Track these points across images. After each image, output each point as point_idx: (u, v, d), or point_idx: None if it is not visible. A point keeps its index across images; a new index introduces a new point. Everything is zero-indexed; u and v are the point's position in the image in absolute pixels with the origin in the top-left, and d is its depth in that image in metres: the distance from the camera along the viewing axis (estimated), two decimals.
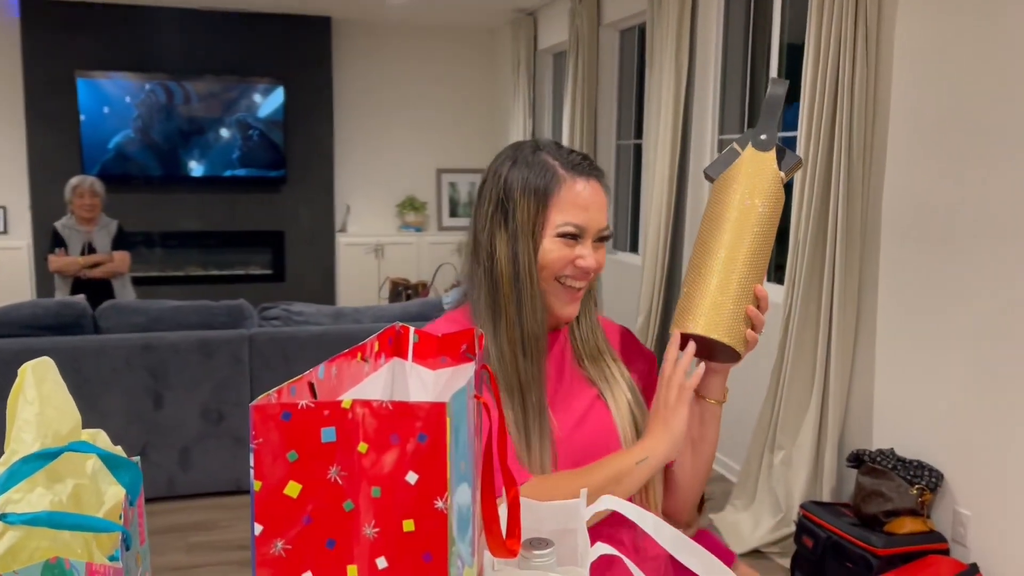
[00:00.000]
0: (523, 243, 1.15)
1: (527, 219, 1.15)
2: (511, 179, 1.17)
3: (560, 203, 1.15)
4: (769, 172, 1.15)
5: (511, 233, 1.16)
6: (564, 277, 1.17)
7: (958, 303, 2.78)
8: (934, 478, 2.82)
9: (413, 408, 0.54)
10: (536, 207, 1.15)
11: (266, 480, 0.54)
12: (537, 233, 1.15)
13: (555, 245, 1.15)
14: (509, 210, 1.16)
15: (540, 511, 0.84)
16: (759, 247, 1.13)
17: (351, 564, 0.54)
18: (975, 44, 2.69)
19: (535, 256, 1.15)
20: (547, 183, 1.15)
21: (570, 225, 1.15)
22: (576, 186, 1.16)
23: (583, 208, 1.16)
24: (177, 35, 6.71)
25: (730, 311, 1.10)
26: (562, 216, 1.15)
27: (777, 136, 1.17)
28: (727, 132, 4.35)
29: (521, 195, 1.15)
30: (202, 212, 7.03)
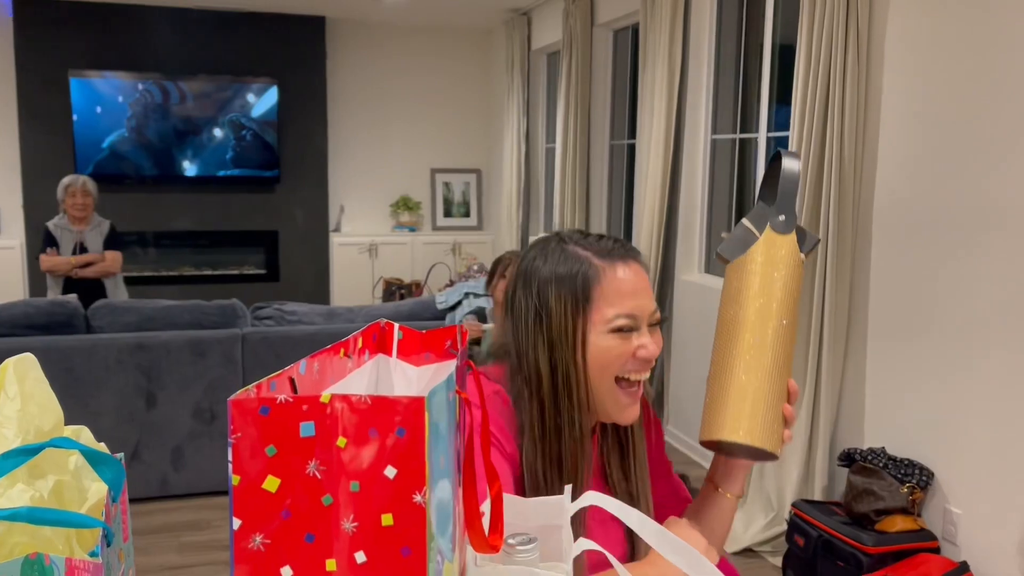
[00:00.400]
0: (565, 353, 1.07)
1: (567, 326, 1.06)
2: (543, 283, 1.08)
3: (604, 296, 1.06)
4: (791, 259, 1.05)
5: (548, 344, 1.07)
6: (626, 372, 1.08)
7: (949, 303, 2.79)
8: (925, 477, 2.83)
9: (392, 402, 0.54)
10: (576, 310, 1.06)
11: (245, 474, 0.54)
12: (580, 337, 1.06)
13: (611, 342, 1.06)
14: (544, 319, 1.07)
15: (525, 507, 0.84)
16: (789, 339, 1.05)
17: (330, 558, 0.54)
18: (965, 45, 2.70)
19: (582, 363, 1.07)
20: (584, 279, 1.06)
21: (622, 318, 1.06)
22: (617, 273, 1.07)
23: (630, 295, 1.07)
24: (170, 34, 6.70)
25: (770, 416, 1.03)
26: (612, 310, 1.06)
27: (796, 216, 1.08)
28: (720, 132, 4.36)
29: (557, 300, 1.06)
30: (196, 212, 7.02)
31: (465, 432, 0.68)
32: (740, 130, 4.30)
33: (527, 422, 1.09)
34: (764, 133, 3.95)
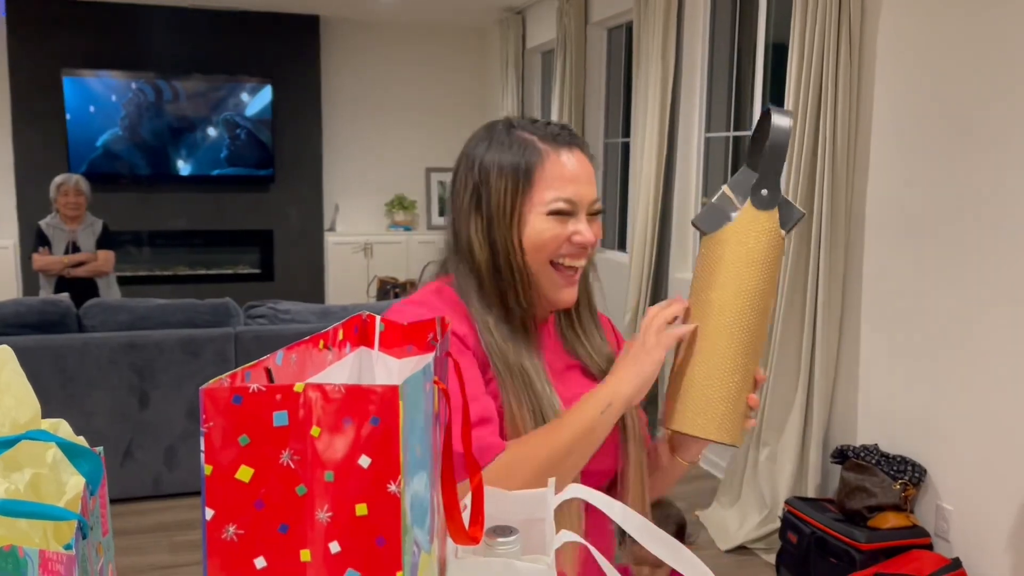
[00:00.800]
0: (500, 230, 1.07)
1: (505, 203, 1.06)
2: (487, 162, 1.08)
3: (545, 179, 1.06)
4: (772, 237, 1.00)
5: (486, 220, 1.07)
6: (560, 257, 1.08)
7: (942, 300, 2.80)
8: (917, 473, 2.83)
9: (366, 392, 0.53)
10: (516, 188, 1.06)
11: (217, 464, 0.53)
12: (518, 216, 1.06)
13: (547, 224, 1.06)
14: (483, 196, 1.07)
15: (507, 501, 0.84)
16: (760, 326, 1.01)
17: (304, 548, 0.54)
18: (957, 44, 2.70)
19: (517, 242, 1.07)
20: (527, 160, 1.06)
21: (561, 201, 1.06)
22: (560, 158, 1.07)
23: (571, 180, 1.07)
24: (164, 33, 6.68)
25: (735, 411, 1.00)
26: (551, 192, 1.06)
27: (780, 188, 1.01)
28: (714, 130, 4.36)
29: (498, 178, 1.07)
30: (190, 211, 7.01)
31: (444, 423, 0.67)
32: (734, 128, 4.30)
33: (472, 302, 1.09)
34: None
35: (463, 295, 1.11)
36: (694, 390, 1.00)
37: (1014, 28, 2.49)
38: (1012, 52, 2.50)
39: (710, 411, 1.00)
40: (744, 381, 1.01)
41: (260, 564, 0.54)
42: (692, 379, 1.01)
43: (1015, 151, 2.50)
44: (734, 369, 1.00)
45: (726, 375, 0.99)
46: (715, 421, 1.00)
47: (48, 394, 3.55)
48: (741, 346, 1.00)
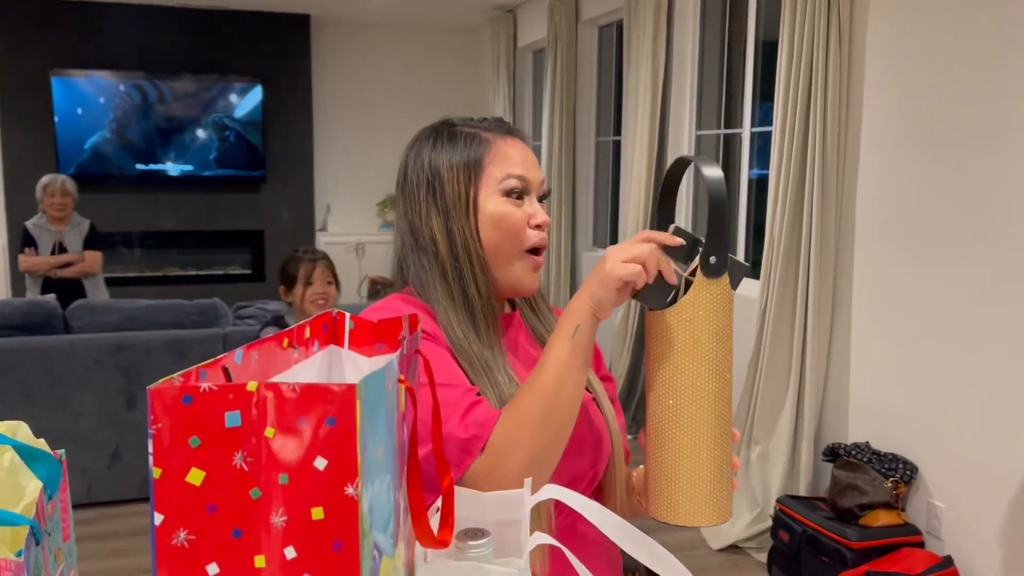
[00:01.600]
0: (458, 220, 1.08)
1: (460, 192, 1.08)
2: (435, 160, 1.10)
3: (494, 161, 1.08)
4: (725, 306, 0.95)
5: (443, 212, 1.09)
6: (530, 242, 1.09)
7: (932, 298, 2.78)
8: (909, 471, 2.82)
9: (322, 391, 0.51)
10: (468, 177, 1.08)
11: (166, 467, 0.51)
12: (473, 203, 1.08)
13: (505, 206, 1.08)
14: (437, 190, 1.09)
15: (482, 502, 0.82)
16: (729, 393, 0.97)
17: (258, 554, 0.52)
18: (946, 42, 2.69)
19: (475, 230, 1.08)
20: (475, 150, 1.09)
21: (512, 177, 1.08)
22: (505, 143, 1.10)
23: (519, 162, 1.10)
24: (154, 33, 6.65)
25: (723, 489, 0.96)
26: (501, 171, 1.08)
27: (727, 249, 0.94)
28: (704, 128, 4.35)
29: (449, 170, 1.09)
30: (181, 212, 6.97)
31: (410, 424, 0.65)
32: (725, 126, 4.29)
33: (434, 295, 1.09)
34: (748, 128, 3.94)
35: (425, 296, 1.11)
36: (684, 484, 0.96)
37: (1003, 27, 2.48)
38: (1001, 51, 2.49)
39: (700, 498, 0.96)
40: (727, 455, 0.98)
41: (212, 571, 0.52)
42: (677, 469, 0.96)
43: (1005, 149, 2.49)
44: (716, 447, 0.96)
45: (711, 458, 0.95)
46: (707, 506, 0.96)
47: (35, 396, 3.51)
48: (719, 423, 0.95)
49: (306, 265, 2.77)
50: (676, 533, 2.63)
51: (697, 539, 3.38)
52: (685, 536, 3.36)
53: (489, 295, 1.09)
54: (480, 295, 1.08)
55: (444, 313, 1.08)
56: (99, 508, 3.62)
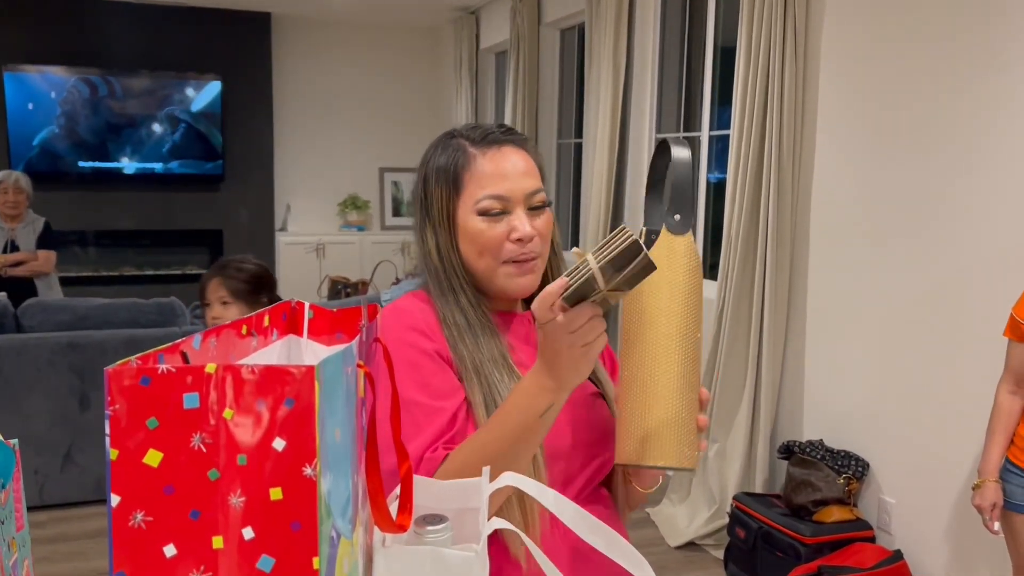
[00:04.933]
0: (442, 234, 1.12)
1: (442, 208, 1.12)
2: (428, 170, 1.14)
3: (474, 179, 1.09)
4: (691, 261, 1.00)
5: (432, 225, 1.13)
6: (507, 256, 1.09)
7: (883, 300, 2.85)
8: (860, 467, 2.88)
9: (280, 372, 0.52)
10: (448, 193, 1.11)
11: (123, 448, 0.51)
12: (453, 220, 1.11)
13: (482, 224, 1.08)
14: (425, 203, 1.14)
15: (442, 490, 0.83)
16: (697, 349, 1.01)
17: (216, 535, 0.52)
18: (899, 49, 2.76)
19: (455, 245, 1.11)
20: (455, 164, 1.10)
21: (488, 198, 1.08)
22: (486, 157, 1.10)
23: (500, 177, 1.09)
24: (111, 29, 6.53)
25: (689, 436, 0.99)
26: (479, 191, 1.08)
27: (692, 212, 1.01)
28: (664, 131, 4.40)
29: (435, 184, 1.12)
30: (137, 210, 6.86)
31: (369, 409, 0.66)
32: (684, 129, 4.34)
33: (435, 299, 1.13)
34: (707, 131, 4.00)
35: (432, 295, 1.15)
36: (643, 420, 0.98)
37: (952, 35, 2.55)
38: (952, 56, 2.56)
39: (663, 438, 0.98)
40: (695, 406, 1.01)
41: (170, 552, 0.52)
42: (639, 409, 0.99)
43: (956, 154, 2.57)
44: (686, 398, 0.99)
45: (682, 406, 0.98)
46: (670, 447, 0.98)
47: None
48: (683, 368, 0.99)
49: (203, 281, 2.29)
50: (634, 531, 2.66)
51: (655, 537, 3.42)
52: (643, 534, 3.39)
53: (478, 301, 1.12)
54: (470, 303, 1.11)
55: (443, 317, 1.12)
56: (51, 511, 3.55)
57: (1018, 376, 2.08)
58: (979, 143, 2.47)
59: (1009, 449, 2.09)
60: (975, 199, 2.49)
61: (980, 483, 2.11)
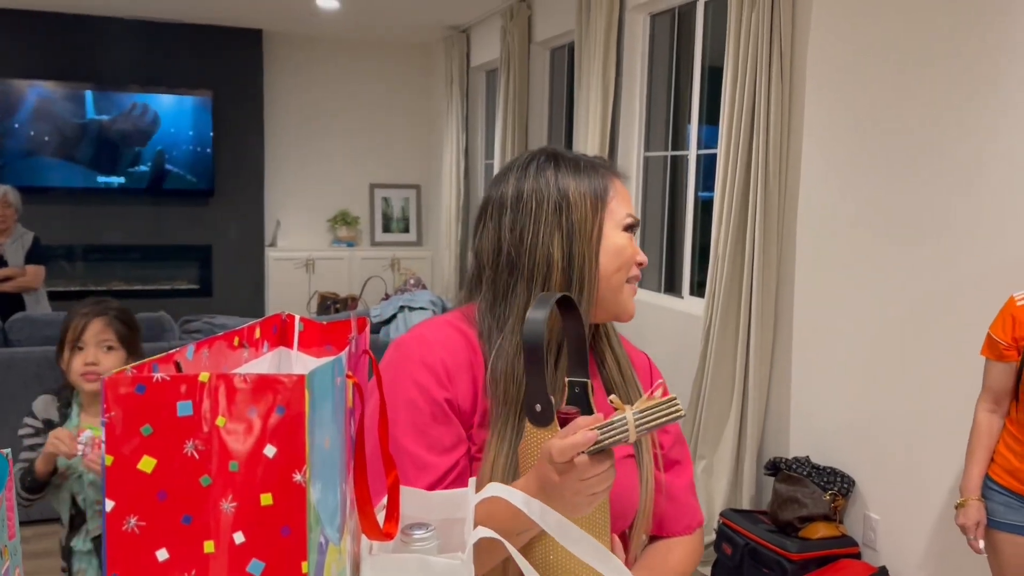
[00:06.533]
0: (581, 243, 1.10)
1: (587, 219, 1.10)
2: (563, 183, 1.11)
3: (617, 196, 1.14)
4: None
5: (567, 234, 1.09)
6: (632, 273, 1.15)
7: (869, 317, 2.89)
8: (846, 484, 2.90)
9: (271, 381, 0.54)
10: (595, 206, 1.11)
11: (119, 455, 0.53)
12: (598, 230, 1.11)
13: (624, 239, 1.13)
14: (565, 210, 1.10)
15: (428, 501, 0.84)
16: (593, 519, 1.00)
17: (208, 540, 0.54)
18: (881, 64, 2.81)
19: (595, 255, 1.10)
20: (602, 181, 1.13)
21: (630, 216, 1.14)
22: (618, 182, 1.16)
23: (630, 203, 1.17)
24: (103, 44, 6.55)
25: None
26: (623, 209, 1.14)
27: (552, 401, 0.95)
28: (653, 150, 4.45)
29: (577, 195, 1.10)
30: (127, 225, 6.85)
31: (358, 419, 0.67)
32: (672, 148, 4.39)
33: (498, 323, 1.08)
34: (694, 151, 4.04)
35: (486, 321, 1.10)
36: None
37: (940, 51, 2.60)
38: (938, 74, 2.61)
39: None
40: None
41: (162, 556, 0.54)
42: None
43: (942, 172, 2.61)
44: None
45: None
46: None
47: None
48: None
49: (77, 320, 1.95)
50: None
51: None
52: None
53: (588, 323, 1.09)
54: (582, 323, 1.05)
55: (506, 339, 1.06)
56: (37, 526, 3.51)
57: (997, 395, 2.09)
58: (965, 160, 2.52)
59: (990, 467, 2.10)
60: (961, 216, 2.53)
61: (963, 502, 2.12)
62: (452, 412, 1.05)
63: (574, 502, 0.89)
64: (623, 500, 1.10)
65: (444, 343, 1.08)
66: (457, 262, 6.73)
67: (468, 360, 1.08)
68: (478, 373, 1.07)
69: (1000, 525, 2.07)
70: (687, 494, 1.23)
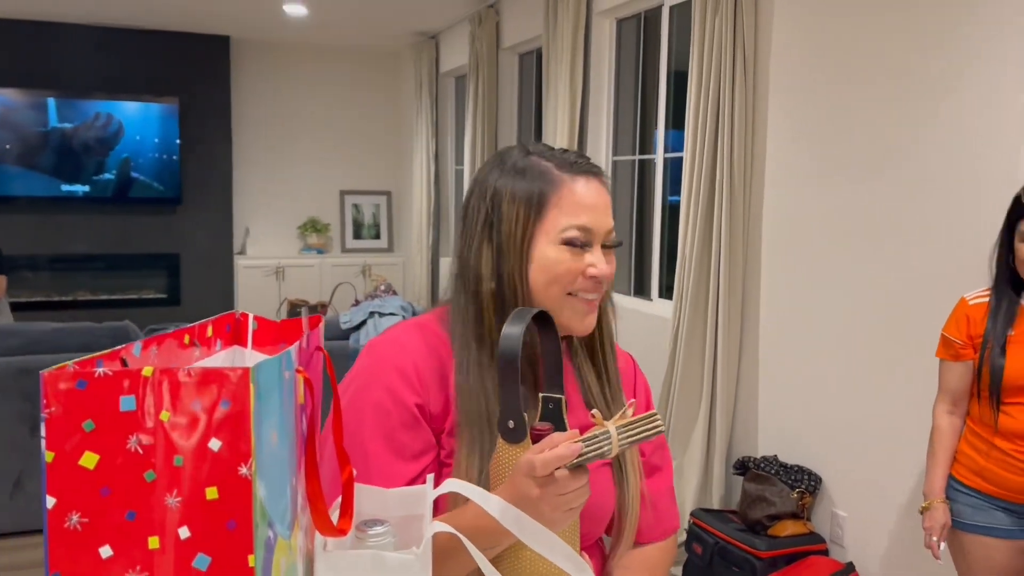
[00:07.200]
0: (511, 260, 1.02)
1: (516, 231, 1.02)
2: (499, 188, 1.03)
3: (560, 206, 1.01)
4: None
5: (496, 249, 1.03)
6: (575, 291, 1.03)
7: (833, 318, 2.93)
8: (813, 482, 2.93)
9: (216, 375, 0.53)
10: (528, 216, 1.02)
11: (59, 451, 0.52)
12: (528, 246, 1.02)
13: (561, 255, 1.02)
14: (494, 223, 1.03)
15: (386, 498, 0.84)
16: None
17: (152, 535, 0.53)
18: (842, 70, 2.86)
19: (524, 275, 1.02)
20: (542, 187, 1.02)
21: (574, 229, 1.01)
22: (576, 186, 1.02)
23: (588, 208, 1.02)
24: (68, 52, 6.46)
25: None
26: (565, 220, 1.01)
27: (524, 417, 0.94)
28: (620, 154, 4.48)
29: (510, 204, 1.02)
30: (93, 234, 6.76)
31: (309, 415, 0.67)
32: (639, 152, 4.42)
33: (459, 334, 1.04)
34: (661, 154, 4.07)
35: (453, 328, 1.06)
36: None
37: (899, 58, 2.65)
38: (898, 79, 2.66)
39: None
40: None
41: (106, 553, 0.53)
42: None
43: (903, 175, 2.65)
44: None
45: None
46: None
47: None
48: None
49: None
50: None
51: None
52: None
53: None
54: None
55: (464, 352, 1.03)
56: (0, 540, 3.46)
57: (955, 396, 2.08)
58: (925, 164, 2.56)
59: (953, 468, 2.08)
60: (922, 219, 2.58)
61: (928, 505, 2.09)
62: (423, 417, 1.04)
63: (551, 517, 0.87)
64: (597, 508, 1.09)
65: (417, 347, 1.06)
66: (429, 268, 6.72)
67: (440, 364, 1.06)
68: (450, 377, 1.05)
69: (967, 527, 2.04)
70: (666, 499, 1.22)
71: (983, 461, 2.02)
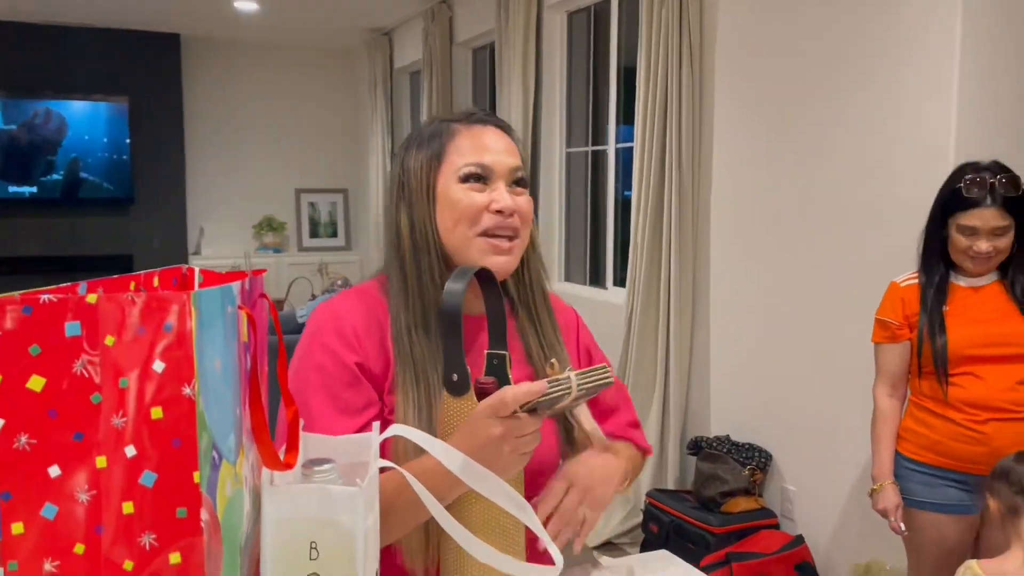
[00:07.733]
0: (420, 207, 1.08)
1: (421, 180, 1.09)
2: (407, 157, 1.12)
3: (457, 149, 1.08)
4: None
5: (407, 201, 1.10)
6: (485, 228, 1.07)
7: (780, 301, 3.01)
8: (763, 459, 3.01)
9: (159, 299, 0.56)
10: (430, 164, 1.08)
11: (7, 374, 0.54)
12: (432, 191, 1.08)
13: (461, 192, 1.06)
14: (405, 182, 1.10)
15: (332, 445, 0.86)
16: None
17: (100, 455, 0.56)
18: (787, 61, 2.94)
19: (433, 216, 1.08)
20: (442, 139, 1.09)
21: (471, 165, 1.07)
22: (473, 131, 1.09)
23: (485, 148, 1.08)
24: (15, 50, 6.34)
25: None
26: (461, 159, 1.07)
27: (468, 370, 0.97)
28: (574, 146, 4.53)
29: (416, 160, 1.10)
30: (43, 236, 6.63)
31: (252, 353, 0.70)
32: (592, 143, 4.48)
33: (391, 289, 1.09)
34: (613, 145, 4.14)
35: (389, 289, 1.11)
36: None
37: (837, 43, 2.74)
38: (840, 65, 2.75)
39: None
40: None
41: (54, 472, 0.55)
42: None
43: (848, 160, 2.74)
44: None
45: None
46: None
47: None
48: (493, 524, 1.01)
49: None
50: None
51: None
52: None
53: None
54: (436, 286, 1.07)
55: (396, 307, 1.09)
56: None
57: (893, 378, 2.11)
58: (869, 149, 2.65)
59: (899, 445, 2.09)
60: (867, 202, 2.66)
61: (877, 487, 2.09)
62: (363, 375, 1.08)
63: (508, 460, 0.92)
64: (543, 456, 1.13)
65: (355, 310, 1.11)
66: None
67: (379, 325, 1.10)
68: (388, 337, 1.10)
69: (920, 504, 2.04)
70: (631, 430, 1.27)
71: (934, 435, 2.02)
